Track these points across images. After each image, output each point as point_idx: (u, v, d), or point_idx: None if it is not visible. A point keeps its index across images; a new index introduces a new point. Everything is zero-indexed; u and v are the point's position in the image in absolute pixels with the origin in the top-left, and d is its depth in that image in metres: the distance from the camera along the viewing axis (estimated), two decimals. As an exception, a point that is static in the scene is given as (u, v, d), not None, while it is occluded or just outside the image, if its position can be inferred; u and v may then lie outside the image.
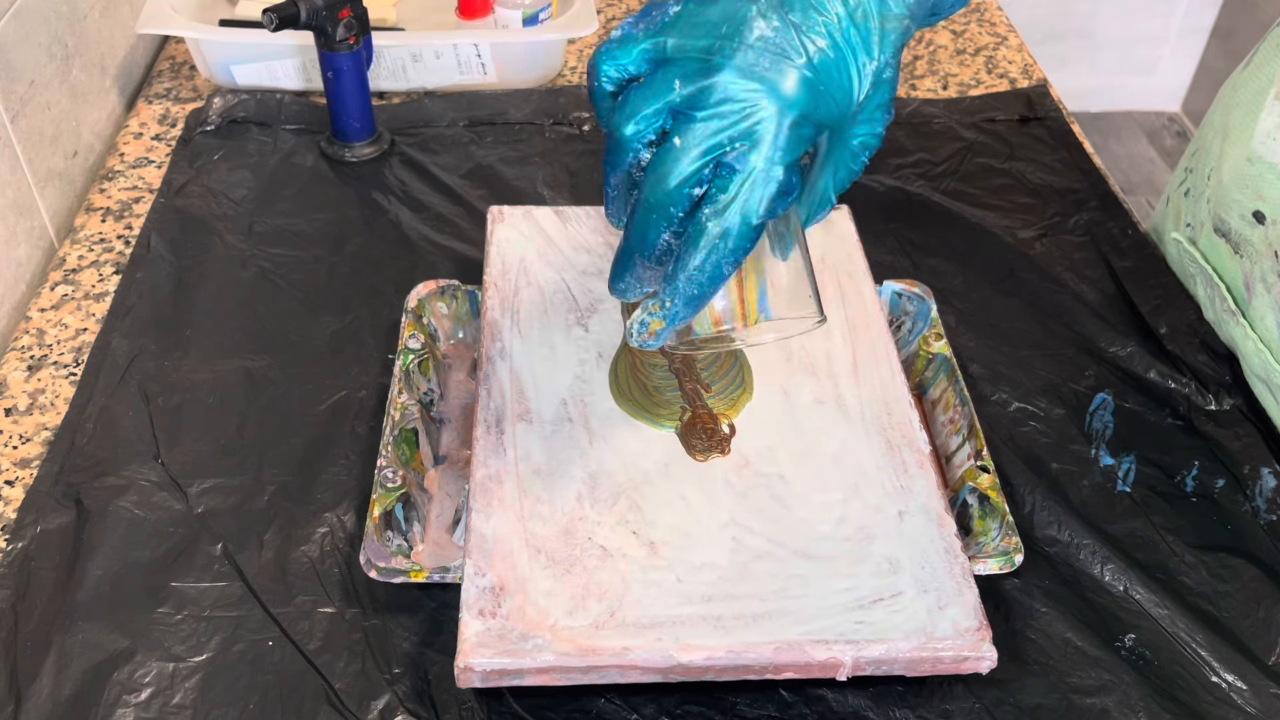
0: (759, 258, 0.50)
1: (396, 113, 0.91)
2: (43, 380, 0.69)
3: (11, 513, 0.61)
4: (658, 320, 0.48)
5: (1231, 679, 0.55)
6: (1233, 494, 0.63)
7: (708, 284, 0.46)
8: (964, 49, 1.04)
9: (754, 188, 0.44)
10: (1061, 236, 0.81)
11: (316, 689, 0.53)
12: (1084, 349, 0.72)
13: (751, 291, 0.50)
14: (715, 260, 0.45)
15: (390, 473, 0.58)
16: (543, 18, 0.96)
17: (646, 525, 0.54)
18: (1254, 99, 0.69)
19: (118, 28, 0.94)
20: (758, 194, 0.44)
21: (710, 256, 0.45)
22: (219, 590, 0.57)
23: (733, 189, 0.44)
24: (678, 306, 0.47)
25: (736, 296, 0.50)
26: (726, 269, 0.46)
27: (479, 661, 0.49)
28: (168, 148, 0.88)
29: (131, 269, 0.75)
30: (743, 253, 0.46)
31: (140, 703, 0.52)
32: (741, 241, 0.45)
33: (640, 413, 0.59)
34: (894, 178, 0.86)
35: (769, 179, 0.44)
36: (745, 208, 0.44)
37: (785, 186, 0.45)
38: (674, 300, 0.47)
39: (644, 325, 0.48)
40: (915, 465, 0.57)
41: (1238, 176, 0.68)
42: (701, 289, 0.46)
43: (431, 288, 0.69)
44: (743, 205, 0.44)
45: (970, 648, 0.50)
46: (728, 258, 0.45)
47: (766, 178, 0.44)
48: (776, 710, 0.53)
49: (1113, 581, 0.58)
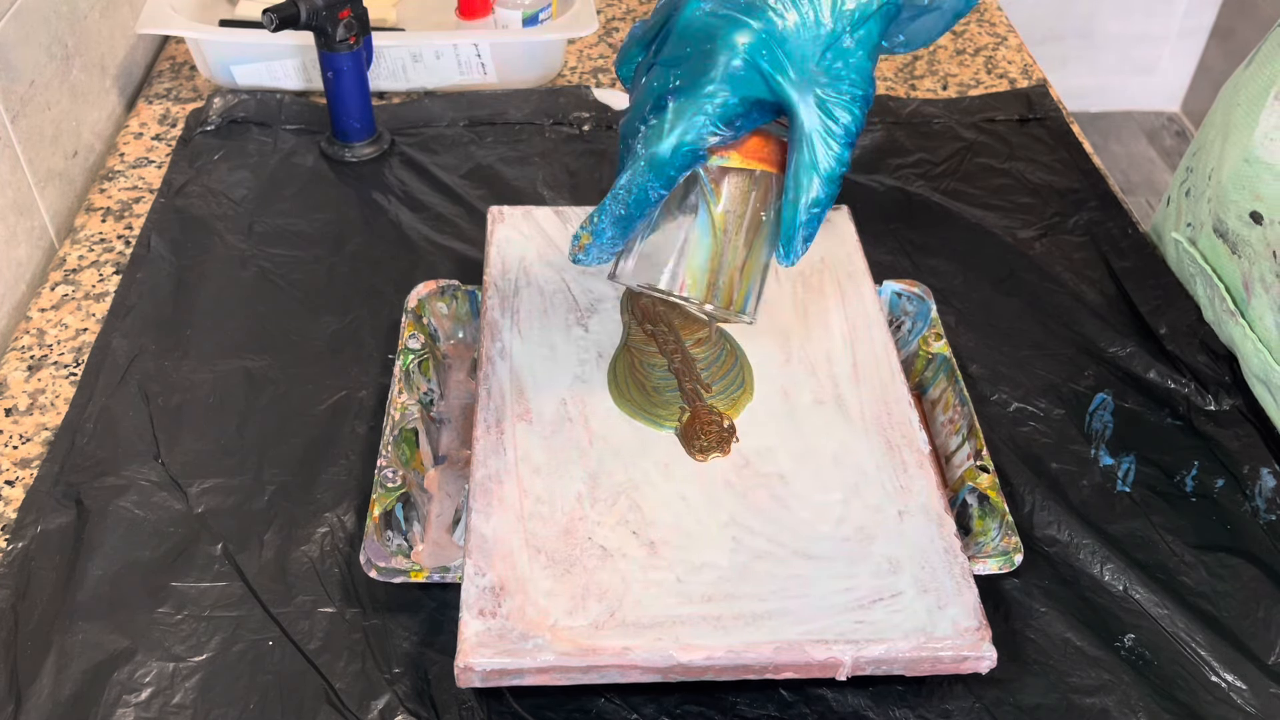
0: (763, 250, 0.53)
1: (396, 113, 0.91)
2: (43, 380, 0.69)
3: (12, 513, 0.61)
4: (586, 235, 0.52)
5: (1231, 679, 0.55)
6: (1232, 494, 0.63)
7: (634, 206, 0.50)
8: (964, 49, 1.04)
9: (680, 118, 0.48)
10: (1061, 237, 0.81)
11: (316, 689, 0.53)
12: (1084, 349, 0.72)
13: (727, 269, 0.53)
14: (640, 184, 0.49)
15: (390, 473, 0.58)
16: (543, 18, 0.96)
17: (646, 525, 0.54)
18: (1254, 99, 0.69)
19: (118, 28, 0.94)
20: (683, 125, 0.48)
21: (635, 179, 0.49)
22: (219, 590, 0.57)
23: (665, 118, 0.49)
24: (605, 224, 0.51)
25: (710, 268, 0.52)
26: (651, 194, 0.50)
27: (479, 661, 0.49)
28: (168, 148, 0.88)
29: (132, 269, 0.75)
30: (666, 180, 0.49)
31: (140, 702, 0.52)
32: (665, 170, 0.49)
33: (640, 413, 0.59)
34: (894, 178, 0.86)
35: (697, 111, 0.48)
36: (672, 137, 0.49)
37: (718, 120, 0.48)
38: (601, 217, 0.51)
39: (575, 239, 0.52)
40: (915, 465, 0.57)
41: (1236, 176, 0.68)
42: (627, 209, 0.50)
43: (431, 288, 0.69)
44: (670, 134, 0.49)
45: (970, 647, 0.50)
46: (652, 183, 0.49)
47: (695, 109, 0.48)
48: (776, 710, 0.53)
49: (1112, 581, 0.58)
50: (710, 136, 0.49)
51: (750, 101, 0.49)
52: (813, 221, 0.50)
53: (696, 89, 0.48)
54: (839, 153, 0.49)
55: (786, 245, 0.51)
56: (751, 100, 0.49)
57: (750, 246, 0.53)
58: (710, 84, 0.48)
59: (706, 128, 0.49)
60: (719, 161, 0.51)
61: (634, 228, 0.51)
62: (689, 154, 0.49)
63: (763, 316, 0.65)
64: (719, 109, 0.48)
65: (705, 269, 0.52)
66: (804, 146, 0.49)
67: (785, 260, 0.51)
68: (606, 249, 0.52)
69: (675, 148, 0.49)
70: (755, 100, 0.49)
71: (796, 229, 0.50)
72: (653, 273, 0.53)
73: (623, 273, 0.54)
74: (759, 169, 0.52)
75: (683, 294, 0.53)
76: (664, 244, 0.53)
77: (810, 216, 0.50)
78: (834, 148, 0.49)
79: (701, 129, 0.49)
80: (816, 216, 0.50)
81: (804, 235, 0.50)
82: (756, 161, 0.52)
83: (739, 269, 0.53)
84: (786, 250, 0.51)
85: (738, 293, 0.53)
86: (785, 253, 0.51)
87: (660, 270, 0.53)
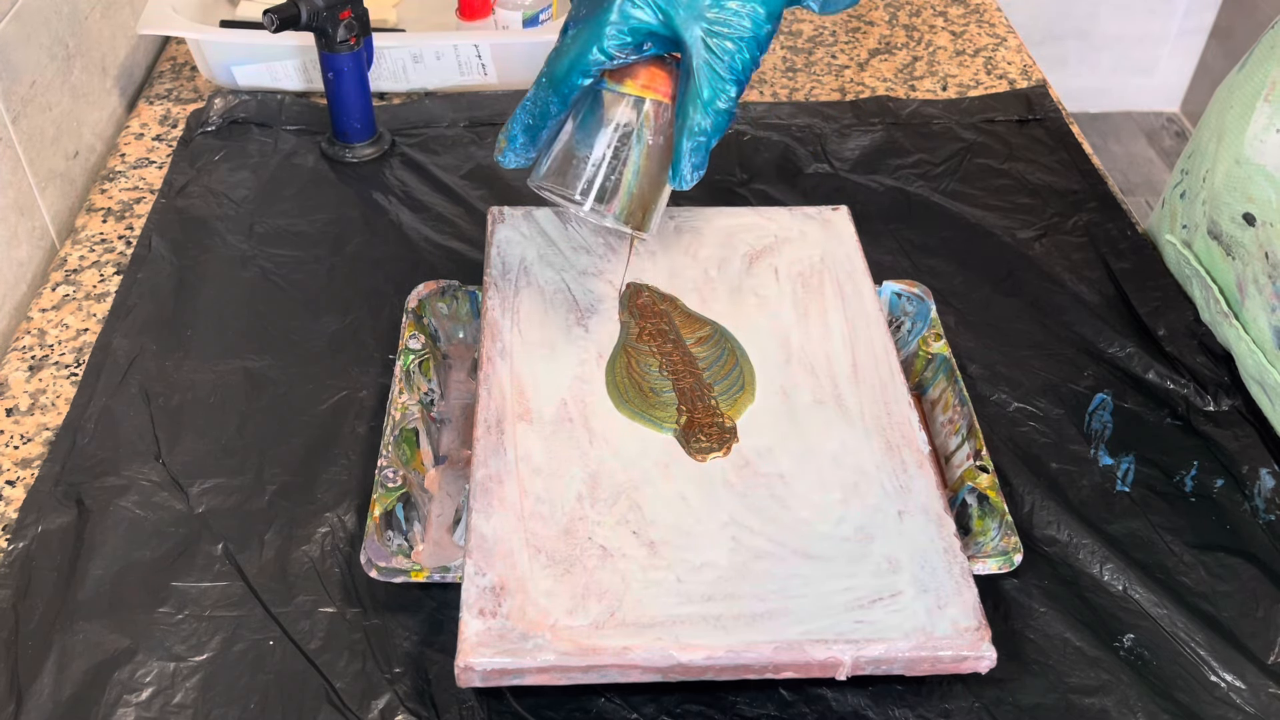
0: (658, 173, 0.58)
1: (397, 113, 0.91)
2: (44, 380, 0.69)
3: (13, 513, 0.61)
4: (503, 139, 0.58)
5: (1230, 678, 0.55)
6: (1231, 494, 0.63)
7: (538, 117, 0.56)
8: (963, 50, 1.04)
9: (576, 43, 0.54)
10: (1061, 237, 0.81)
11: (317, 688, 0.53)
12: (1083, 349, 0.72)
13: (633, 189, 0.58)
14: (542, 98, 0.56)
15: (391, 473, 0.58)
16: (543, 19, 0.96)
17: (646, 525, 0.54)
18: (1247, 101, 0.69)
19: (119, 28, 0.94)
20: (577, 49, 0.54)
21: (538, 93, 0.56)
22: (220, 590, 0.57)
23: (565, 42, 0.55)
24: (516, 131, 0.57)
25: (619, 186, 0.57)
26: (551, 107, 0.56)
27: (479, 661, 0.49)
28: (169, 148, 0.89)
29: (132, 269, 0.75)
30: (561, 97, 0.55)
31: (141, 702, 0.52)
32: (559, 87, 0.55)
33: (638, 415, 0.59)
34: (894, 178, 0.86)
35: (592, 38, 0.53)
36: (572, 54, 0.54)
37: (609, 47, 0.53)
38: (513, 125, 0.58)
39: (498, 141, 0.59)
40: (915, 465, 0.57)
41: (1229, 179, 0.68)
42: (533, 119, 0.57)
43: (432, 288, 0.69)
44: (566, 56, 0.54)
45: (969, 647, 0.50)
46: (551, 97, 0.55)
47: (591, 35, 0.53)
48: (776, 710, 0.53)
49: (1111, 581, 0.59)
50: (602, 60, 0.54)
51: (642, 32, 0.54)
52: (699, 150, 0.54)
53: (595, 19, 0.54)
54: (725, 88, 0.53)
55: (674, 171, 0.55)
56: (644, 31, 0.54)
57: (649, 170, 0.58)
58: (608, 13, 0.53)
59: (599, 53, 0.54)
60: (618, 88, 0.57)
61: (540, 136, 0.57)
62: (581, 74, 0.54)
63: (763, 316, 0.65)
64: (612, 37, 0.53)
65: (611, 185, 0.57)
66: (691, 78, 0.54)
67: (675, 183, 0.56)
68: (520, 153, 0.58)
69: (570, 68, 0.54)
70: (648, 31, 0.54)
71: (683, 156, 0.55)
72: (562, 180, 0.58)
73: (535, 178, 0.59)
74: (654, 98, 0.57)
75: (583, 203, 0.58)
76: (575, 159, 0.58)
77: (696, 144, 0.54)
78: (721, 81, 0.53)
79: (594, 54, 0.54)
80: (702, 145, 0.54)
81: (691, 163, 0.55)
82: (652, 91, 0.57)
83: (641, 190, 0.58)
84: (674, 175, 0.55)
85: (636, 210, 0.58)
86: (674, 177, 0.55)
87: (571, 180, 0.58)
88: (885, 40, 1.05)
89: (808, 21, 1.07)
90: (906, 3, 1.11)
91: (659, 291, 0.67)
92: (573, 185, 0.57)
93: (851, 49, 1.04)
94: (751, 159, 0.88)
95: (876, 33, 1.06)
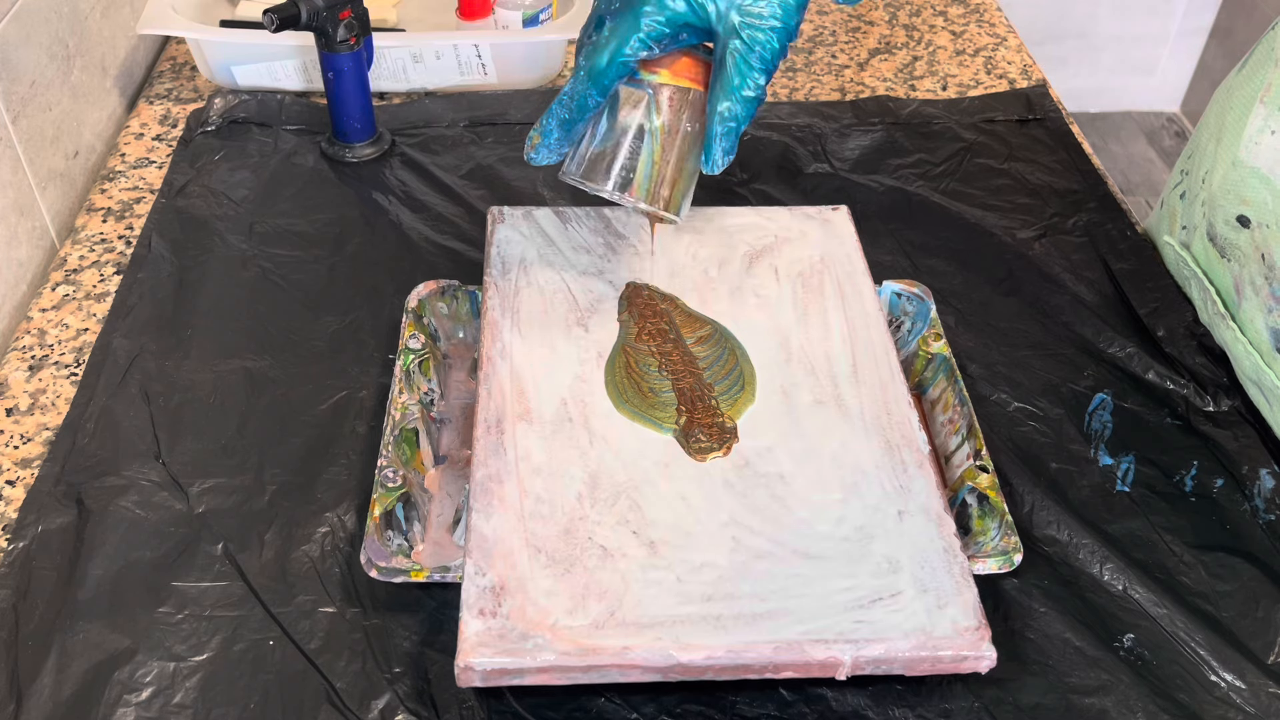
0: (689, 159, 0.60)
1: (397, 113, 0.91)
2: (44, 380, 0.69)
3: (13, 512, 0.61)
4: (536, 135, 0.59)
5: (1230, 678, 0.55)
6: (1231, 494, 0.63)
7: (576, 110, 0.58)
8: (963, 50, 1.04)
9: (614, 36, 0.56)
10: (1060, 237, 0.81)
11: (317, 688, 0.53)
12: (1083, 349, 0.72)
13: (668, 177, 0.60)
14: (580, 91, 0.57)
15: (391, 472, 0.58)
16: (543, 18, 0.96)
17: (646, 525, 0.54)
18: (1245, 103, 0.69)
19: (119, 28, 0.94)
20: (616, 41, 0.56)
21: (576, 87, 0.57)
22: (220, 590, 0.57)
23: (603, 35, 0.56)
24: (551, 126, 0.59)
25: (649, 173, 0.59)
26: (589, 100, 0.57)
27: (479, 661, 0.49)
28: (169, 148, 0.89)
29: (132, 269, 0.75)
30: (601, 89, 0.57)
31: (141, 702, 0.52)
32: (600, 79, 0.56)
33: (639, 415, 0.59)
34: (894, 178, 0.86)
35: (630, 29, 0.55)
36: (611, 46, 0.56)
37: (648, 39, 0.55)
38: (549, 120, 0.59)
39: (529, 140, 0.60)
40: (914, 465, 0.57)
41: (1225, 180, 0.68)
42: (570, 113, 0.58)
43: (432, 288, 0.69)
44: (605, 49, 0.56)
45: (969, 647, 0.50)
46: (590, 90, 0.57)
47: (629, 27, 0.55)
48: (776, 710, 0.53)
49: (1111, 581, 0.59)
50: (641, 51, 0.56)
51: (678, 23, 0.55)
52: (729, 135, 0.56)
53: (633, 11, 0.55)
54: (755, 76, 0.55)
55: (706, 155, 0.57)
56: (679, 22, 0.55)
57: (680, 155, 0.59)
58: (644, 6, 0.55)
59: (637, 44, 0.56)
60: (652, 78, 0.58)
61: (576, 130, 0.59)
62: (621, 66, 0.56)
63: (763, 316, 0.65)
64: (650, 29, 0.55)
65: (643, 173, 0.59)
66: (723, 67, 0.55)
67: (707, 167, 0.57)
68: (554, 149, 0.59)
69: (610, 60, 0.56)
70: (683, 23, 0.55)
71: (715, 140, 0.56)
72: (596, 173, 0.59)
73: (569, 172, 0.60)
74: (688, 86, 0.59)
75: (620, 191, 0.59)
76: (608, 149, 0.59)
77: (728, 129, 0.56)
78: (751, 70, 0.55)
79: (633, 44, 0.56)
80: (733, 130, 0.56)
81: (722, 147, 0.56)
82: (687, 80, 0.58)
83: (671, 175, 0.60)
84: (707, 160, 0.57)
85: (669, 195, 0.60)
86: (706, 161, 0.57)
87: (604, 172, 0.59)
88: (885, 40, 1.05)
89: (808, 21, 1.07)
90: (906, 3, 1.11)
91: (659, 291, 0.67)
92: (608, 173, 0.59)
93: (851, 49, 1.04)
94: (751, 159, 0.88)
95: (876, 32, 1.06)
